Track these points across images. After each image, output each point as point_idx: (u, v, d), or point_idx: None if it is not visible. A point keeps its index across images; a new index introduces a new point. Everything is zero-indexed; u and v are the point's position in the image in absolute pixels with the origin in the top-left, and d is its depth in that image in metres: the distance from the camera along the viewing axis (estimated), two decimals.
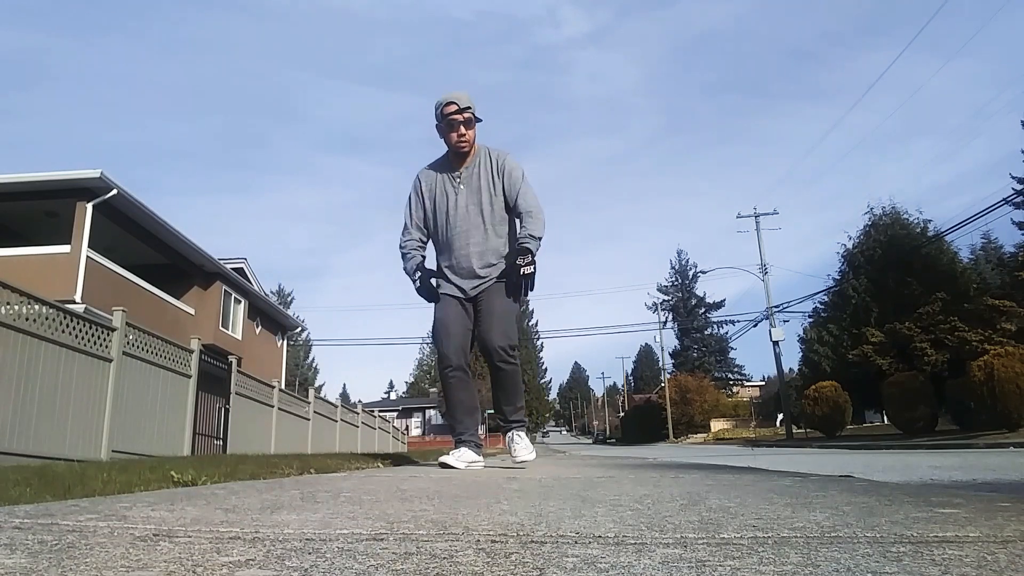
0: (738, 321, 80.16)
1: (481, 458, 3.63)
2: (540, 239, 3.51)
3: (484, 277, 3.58)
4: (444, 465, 3.35)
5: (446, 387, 3.59)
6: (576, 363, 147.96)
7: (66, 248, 14.10)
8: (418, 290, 3.66)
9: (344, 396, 79.33)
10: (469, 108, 3.47)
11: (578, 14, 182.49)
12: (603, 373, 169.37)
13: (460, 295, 3.60)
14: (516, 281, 3.45)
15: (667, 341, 63.71)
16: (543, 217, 3.57)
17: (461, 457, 3.42)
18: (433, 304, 3.69)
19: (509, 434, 3.70)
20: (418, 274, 3.68)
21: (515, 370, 3.57)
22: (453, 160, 3.64)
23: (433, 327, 3.65)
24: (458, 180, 3.59)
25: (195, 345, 9.11)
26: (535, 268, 3.44)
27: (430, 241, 3.79)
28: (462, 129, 3.48)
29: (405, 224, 3.75)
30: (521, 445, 3.63)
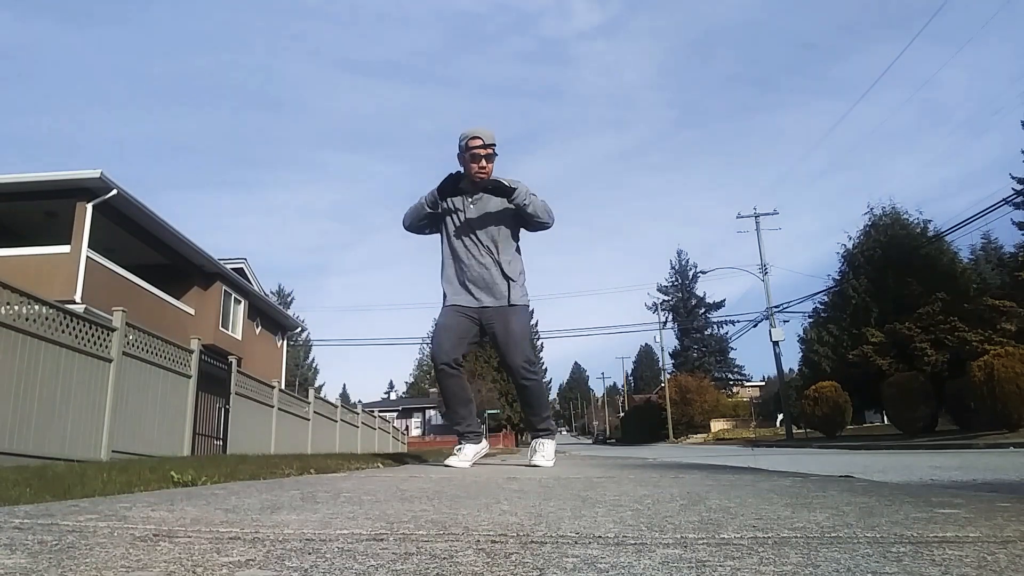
0: (738, 321, 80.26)
1: (483, 444, 4.00)
2: (526, 196, 3.71)
3: (491, 298, 3.82)
4: (450, 466, 3.67)
5: (440, 381, 3.85)
6: (576, 363, 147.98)
7: (66, 248, 14.09)
8: (440, 187, 3.83)
9: (344, 396, 79.23)
10: (493, 145, 3.80)
11: (588, 6, 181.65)
12: (603, 373, 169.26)
13: (469, 305, 3.83)
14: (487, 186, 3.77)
15: (667, 341, 63.72)
16: (544, 206, 3.82)
17: (464, 456, 3.78)
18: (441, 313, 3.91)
19: (535, 440, 3.92)
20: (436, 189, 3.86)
21: (536, 384, 3.87)
22: (468, 186, 3.90)
23: (434, 331, 3.95)
24: (470, 201, 3.87)
25: (195, 345, 9.10)
26: (490, 178, 3.74)
27: (443, 250, 3.99)
28: (483, 162, 3.79)
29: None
30: (541, 453, 3.78)
